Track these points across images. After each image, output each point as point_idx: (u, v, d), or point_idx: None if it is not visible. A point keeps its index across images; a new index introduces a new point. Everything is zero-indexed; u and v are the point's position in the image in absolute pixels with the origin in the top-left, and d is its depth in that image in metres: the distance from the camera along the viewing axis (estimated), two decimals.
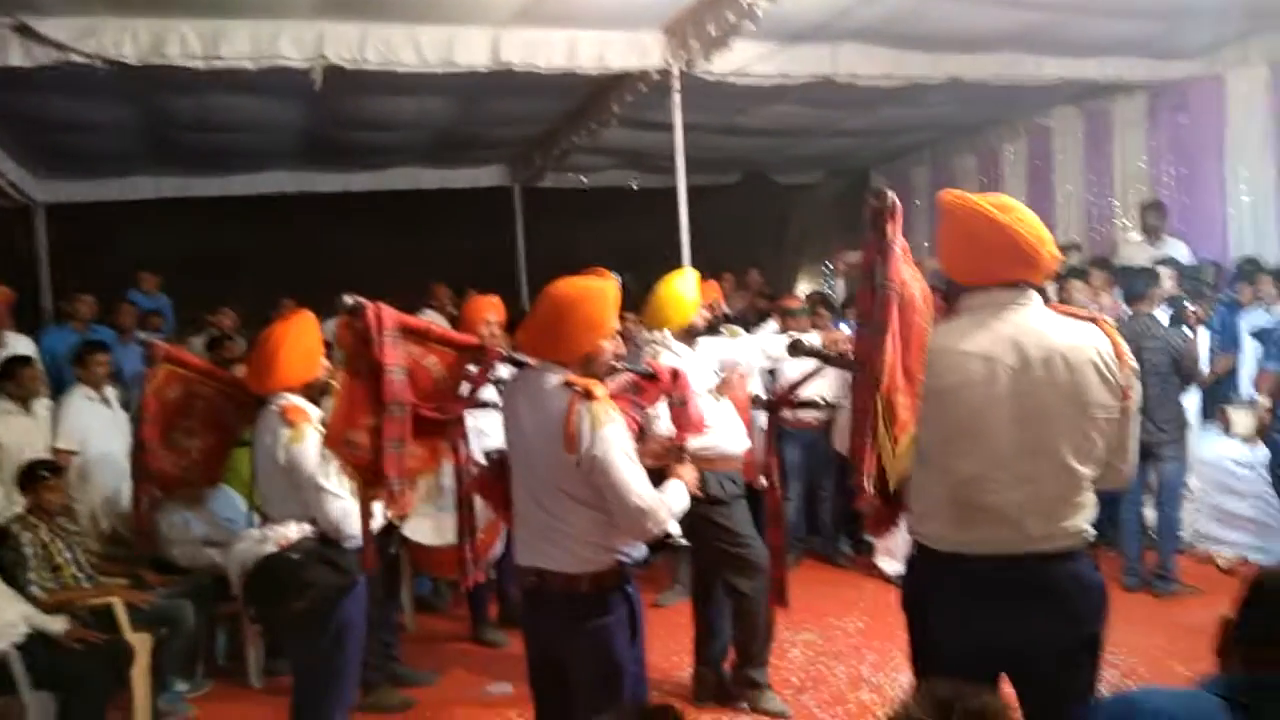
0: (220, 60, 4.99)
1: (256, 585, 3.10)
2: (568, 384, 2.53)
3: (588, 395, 2.48)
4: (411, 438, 2.69)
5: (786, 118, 7.75)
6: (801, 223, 12.25)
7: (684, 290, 4.04)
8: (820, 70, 6.09)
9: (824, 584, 5.81)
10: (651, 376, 2.89)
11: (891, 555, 5.54)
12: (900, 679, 4.26)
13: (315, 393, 3.33)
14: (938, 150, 9.94)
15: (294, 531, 3.08)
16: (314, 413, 3.23)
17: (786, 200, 11.86)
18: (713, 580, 4.18)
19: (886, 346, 1.93)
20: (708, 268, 4.60)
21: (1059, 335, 2.18)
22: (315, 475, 3.06)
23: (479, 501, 3.03)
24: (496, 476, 2.81)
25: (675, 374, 2.91)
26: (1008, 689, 2.26)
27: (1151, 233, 7.15)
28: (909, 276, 2.06)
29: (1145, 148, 7.78)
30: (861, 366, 1.96)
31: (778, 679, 4.36)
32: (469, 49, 5.34)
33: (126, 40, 4.82)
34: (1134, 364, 2.22)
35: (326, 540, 3.10)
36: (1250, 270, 6.38)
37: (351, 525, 3.07)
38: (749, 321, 7.28)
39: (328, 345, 3.54)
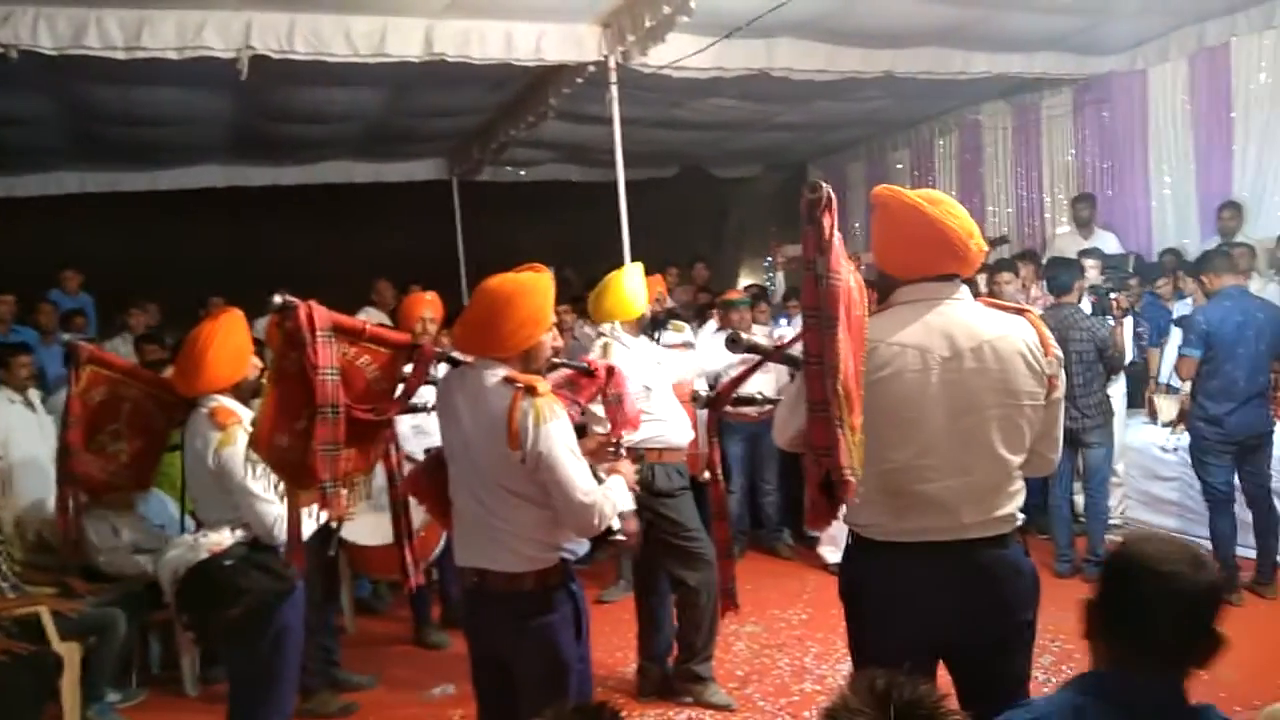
0: (143, 50, 4.86)
1: (189, 592, 3.02)
2: (509, 380, 2.50)
3: (531, 391, 2.46)
4: (345, 440, 2.62)
5: (723, 111, 7.79)
6: (740, 216, 12.34)
7: (635, 284, 4.08)
8: (755, 64, 6.13)
9: (767, 576, 5.86)
10: (588, 372, 2.87)
11: (835, 545, 5.60)
12: (843, 669, 4.32)
13: (246, 393, 3.26)
14: (872, 145, 10.09)
15: (227, 537, 3.01)
16: (245, 414, 3.15)
17: (725, 194, 11.94)
18: (656, 574, 4.19)
19: (839, 337, 1.94)
20: (648, 261, 4.61)
21: (988, 327, 2.22)
22: (246, 480, 2.98)
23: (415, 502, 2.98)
24: (429, 477, 2.76)
25: (611, 370, 2.90)
26: (944, 676, 2.30)
27: (1082, 225, 7.34)
28: (844, 268, 2.08)
29: (1072, 141, 7.98)
30: (815, 359, 1.96)
31: (722, 672, 4.39)
32: (401, 39, 5.27)
33: (43, 29, 4.66)
34: (1059, 354, 2.28)
35: (260, 545, 3.04)
36: (1171, 264, 6.58)
37: (284, 530, 3.00)
38: (691, 316, 7.31)
39: (258, 344, 3.45)
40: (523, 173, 9.98)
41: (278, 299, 2.59)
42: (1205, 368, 4.95)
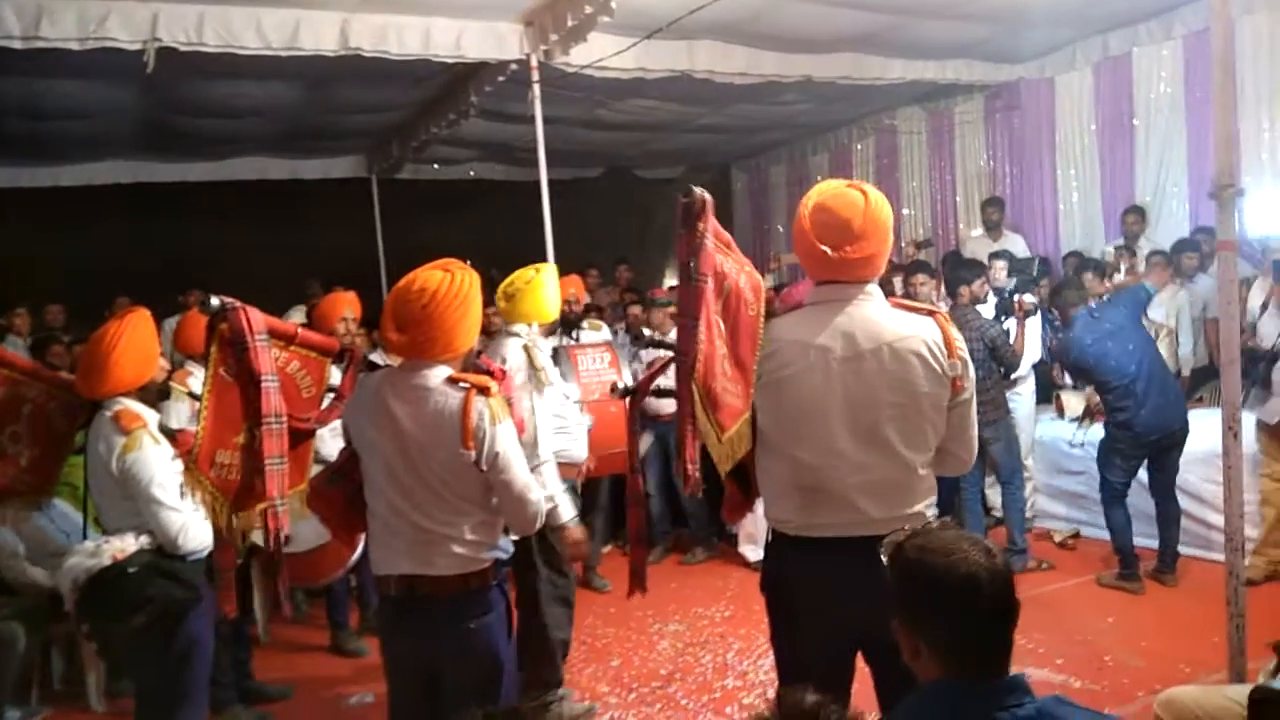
0: (42, 40, 4.65)
1: (91, 600, 2.90)
2: (454, 380, 2.46)
3: (484, 391, 2.44)
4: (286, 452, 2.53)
5: (647, 112, 7.81)
6: (664, 217, 12.38)
7: (554, 287, 3.99)
8: (677, 65, 6.16)
9: (691, 574, 5.90)
10: (488, 374, 2.83)
11: (755, 543, 5.66)
12: (765, 665, 4.37)
13: (152, 396, 3.14)
14: (794, 148, 10.26)
15: (131, 544, 2.89)
16: (151, 417, 3.04)
17: (649, 195, 11.98)
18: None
19: (700, 335, 2.01)
20: (572, 262, 4.59)
21: (891, 327, 2.25)
22: (150, 486, 2.87)
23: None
24: (330, 488, 2.67)
25: (502, 373, 2.88)
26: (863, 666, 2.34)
27: (992, 227, 7.55)
28: (733, 269, 2.14)
29: (984, 146, 8.22)
30: (683, 355, 2.04)
31: (645, 671, 4.40)
32: (316, 32, 5.14)
33: None
34: (965, 355, 2.29)
35: (166, 552, 2.93)
36: (1072, 266, 6.76)
37: (190, 539, 2.91)
38: (618, 316, 7.32)
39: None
40: (440, 169, 9.84)
41: (215, 301, 2.48)
42: (1098, 383, 5.15)
